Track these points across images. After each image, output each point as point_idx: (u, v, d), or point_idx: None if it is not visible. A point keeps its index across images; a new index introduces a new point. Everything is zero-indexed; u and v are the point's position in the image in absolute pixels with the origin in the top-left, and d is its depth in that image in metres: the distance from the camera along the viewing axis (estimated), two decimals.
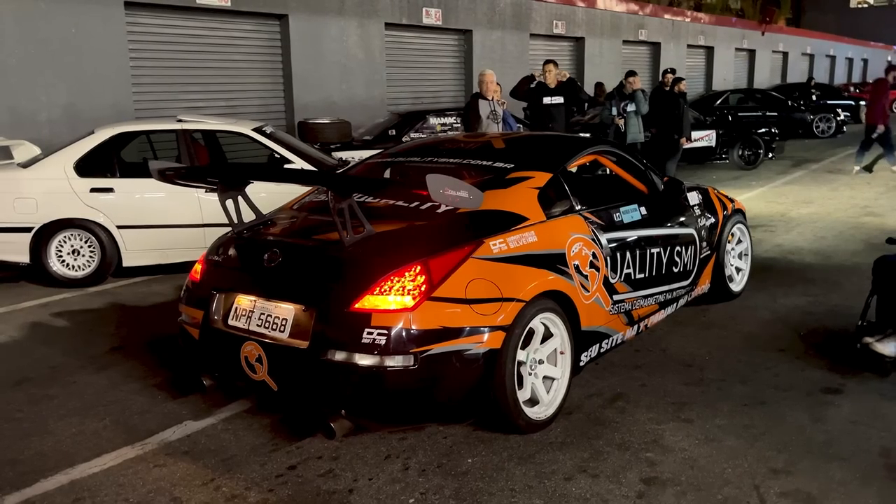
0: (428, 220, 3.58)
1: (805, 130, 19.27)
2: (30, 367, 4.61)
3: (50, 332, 5.34)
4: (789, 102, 19.83)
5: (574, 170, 6.19)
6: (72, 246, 6.51)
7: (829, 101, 21.84)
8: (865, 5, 53.71)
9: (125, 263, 6.62)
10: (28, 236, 6.36)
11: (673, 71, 10.67)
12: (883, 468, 3.17)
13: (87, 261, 6.55)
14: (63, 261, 6.50)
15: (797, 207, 9.74)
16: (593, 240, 3.99)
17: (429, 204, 3.64)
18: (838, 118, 19.55)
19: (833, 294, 5.69)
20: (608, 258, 4.06)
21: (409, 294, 3.15)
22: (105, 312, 5.80)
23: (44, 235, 6.39)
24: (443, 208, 3.59)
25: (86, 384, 4.33)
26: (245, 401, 3.94)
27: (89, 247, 6.53)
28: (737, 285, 5.64)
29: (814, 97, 21.09)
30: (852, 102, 24.61)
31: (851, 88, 32.23)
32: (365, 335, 3.10)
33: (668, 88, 10.14)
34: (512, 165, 4.09)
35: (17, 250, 6.41)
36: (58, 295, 6.21)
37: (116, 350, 4.89)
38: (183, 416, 3.84)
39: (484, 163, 4.24)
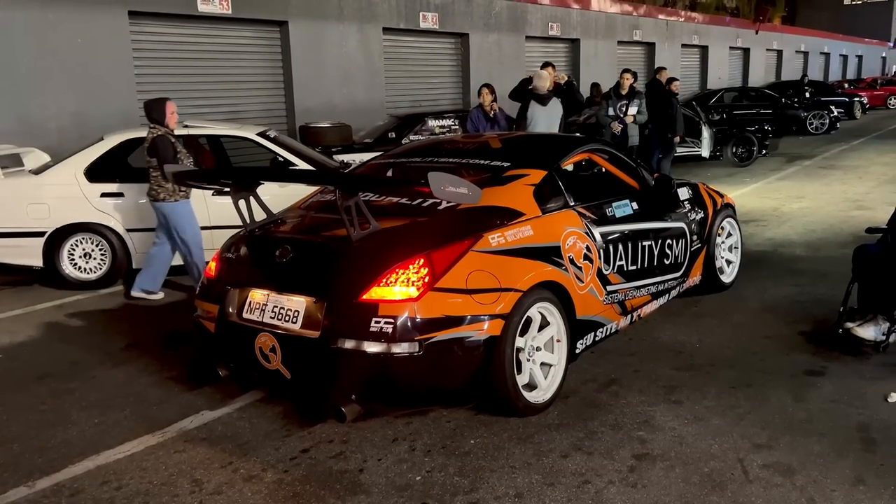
0: (430, 216, 3.79)
1: (799, 127, 19.49)
2: (50, 363, 4.82)
3: (66, 332, 5.55)
4: (783, 100, 20.06)
5: (570, 167, 6.42)
6: (83, 249, 6.71)
7: (822, 98, 22.07)
8: (860, 2, 53.94)
9: (135, 265, 6.80)
10: (41, 240, 6.56)
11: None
12: (859, 441, 3.38)
13: (99, 264, 6.75)
14: (75, 264, 6.70)
15: (789, 202, 9.96)
16: (587, 233, 4.20)
17: (430, 201, 3.85)
18: (832, 115, 19.78)
19: (820, 284, 5.90)
20: (601, 251, 4.27)
21: (413, 285, 3.36)
22: (118, 312, 6.00)
23: (56, 239, 6.59)
24: (444, 205, 3.80)
25: (104, 378, 4.54)
26: (258, 391, 4.15)
27: (100, 250, 6.74)
28: (727, 277, 5.84)
29: (807, 94, 21.29)
30: (846, 99, 24.86)
31: (846, 85, 32.45)
32: (373, 324, 3.30)
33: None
34: (508, 164, 4.30)
35: (30, 254, 6.61)
36: (71, 297, 6.41)
37: (131, 347, 5.10)
38: (199, 407, 4.04)
39: (482, 162, 4.46)
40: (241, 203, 4.00)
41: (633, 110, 9.70)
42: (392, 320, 3.29)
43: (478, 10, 15.96)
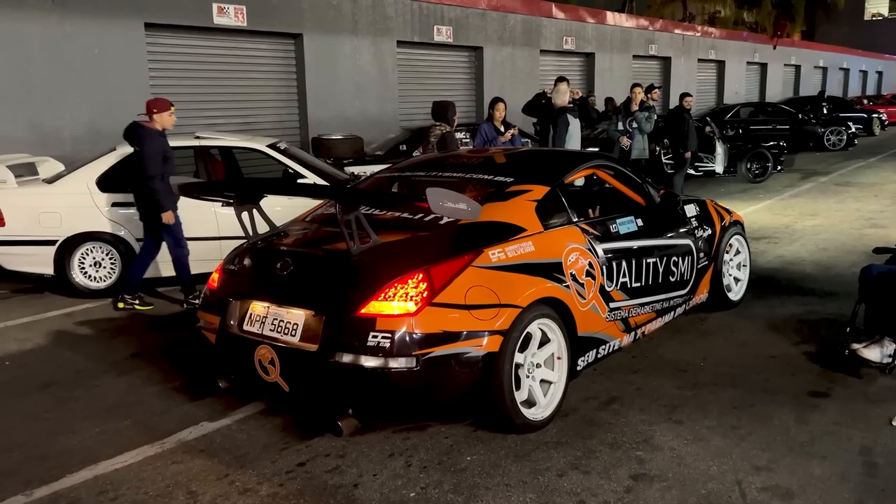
0: (430, 231, 3.79)
1: (816, 143, 19.38)
2: (56, 372, 4.86)
3: (74, 340, 5.60)
4: (800, 115, 19.93)
5: (580, 182, 6.40)
6: (94, 258, 6.78)
7: (840, 114, 21.91)
8: (880, 17, 53.57)
9: (144, 275, 6.86)
10: (52, 249, 6.64)
11: (652, 87, 10.76)
12: (861, 465, 3.33)
13: (108, 272, 6.81)
14: (85, 272, 6.77)
15: (802, 219, 9.87)
16: (589, 250, 4.18)
17: (432, 215, 3.85)
18: (849, 131, 19.63)
19: (829, 304, 5.83)
20: (604, 267, 4.24)
21: (411, 300, 3.35)
22: (125, 321, 6.05)
23: (67, 248, 6.67)
24: (445, 219, 3.80)
25: (108, 387, 4.57)
26: (258, 403, 4.15)
27: (110, 259, 6.80)
28: (735, 294, 5.79)
29: (825, 110, 21.15)
30: (864, 115, 24.66)
31: (865, 101, 32.18)
32: (370, 338, 3.30)
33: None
34: (512, 179, 4.29)
35: (41, 262, 6.69)
36: (80, 305, 6.47)
37: (137, 356, 5.13)
38: (199, 418, 4.05)
39: (485, 177, 4.46)
40: (244, 215, 4.03)
41: (640, 115, 9.70)
42: (390, 335, 3.29)
43: (492, 23, 16.01)
